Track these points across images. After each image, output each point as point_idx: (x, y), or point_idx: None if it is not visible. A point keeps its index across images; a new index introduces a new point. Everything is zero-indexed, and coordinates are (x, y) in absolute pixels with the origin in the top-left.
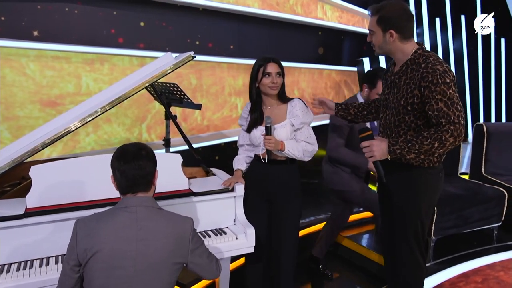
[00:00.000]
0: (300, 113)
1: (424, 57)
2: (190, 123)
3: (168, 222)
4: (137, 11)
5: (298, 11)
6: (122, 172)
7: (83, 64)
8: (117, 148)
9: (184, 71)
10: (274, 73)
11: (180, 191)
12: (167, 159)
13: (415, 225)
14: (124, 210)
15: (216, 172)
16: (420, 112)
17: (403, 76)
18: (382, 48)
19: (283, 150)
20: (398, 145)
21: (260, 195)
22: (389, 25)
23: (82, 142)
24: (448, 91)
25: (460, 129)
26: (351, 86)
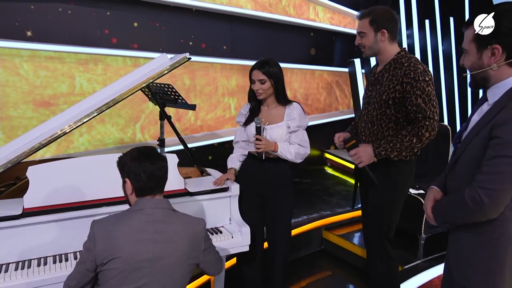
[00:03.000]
0: (297, 116)
1: (406, 58)
2: (183, 123)
3: (183, 224)
4: (130, 11)
5: (290, 12)
6: (150, 174)
7: (76, 64)
8: (131, 150)
9: (177, 71)
10: (257, 80)
11: (176, 190)
12: None
13: (389, 218)
14: (141, 212)
15: (211, 172)
16: (400, 106)
17: (386, 73)
18: (373, 48)
19: (276, 151)
20: (381, 147)
21: (254, 190)
22: (381, 25)
23: (76, 143)
24: (426, 88)
25: (434, 124)
26: (342, 86)
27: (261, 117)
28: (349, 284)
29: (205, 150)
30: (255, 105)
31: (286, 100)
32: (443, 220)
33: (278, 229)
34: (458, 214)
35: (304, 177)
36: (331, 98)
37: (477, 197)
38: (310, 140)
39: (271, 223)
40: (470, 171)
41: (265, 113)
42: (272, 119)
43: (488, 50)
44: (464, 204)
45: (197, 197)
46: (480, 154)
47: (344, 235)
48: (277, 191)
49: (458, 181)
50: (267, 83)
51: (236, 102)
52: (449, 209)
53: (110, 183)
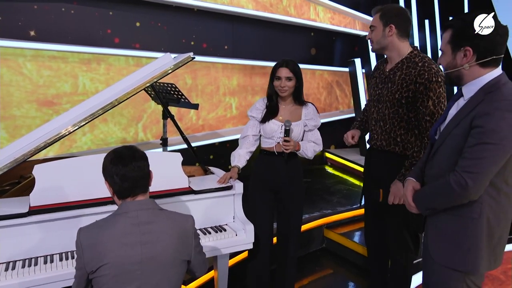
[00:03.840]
0: (314, 116)
1: (420, 57)
2: (185, 122)
3: (171, 222)
4: (133, 11)
5: (291, 12)
6: (123, 176)
7: (79, 64)
8: (108, 153)
9: (179, 71)
10: (284, 77)
11: (181, 189)
12: (168, 158)
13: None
14: (125, 216)
15: (214, 170)
16: (412, 105)
17: (398, 72)
18: (380, 43)
19: (298, 150)
20: (401, 173)
21: (268, 186)
22: (389, 20)
23: (79, 142)
24: (438, 90)
25: None
26: (343, 86)
27: (280, 115)
28: (350, 282)
29: (206, 149)
30: (274, 102)
31: (303, 100)
32: (427, 206)
33: (291, 224)
34: (442, 198)
35: (304, 176)
36: (331, 98)
37: (462, 181)
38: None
39: (285, 218)
40: (450, 159)
41: (283, 112)
42: (290, 118)
43: (461, 52)
44: (449, 188)
45: (201, 196)
46: (461, 143)
47: (345, 233)
48: (292, 184)
49: (438, 169)
50: (292, 81)
51: (237, 101)
52: (433, 196)
53: None
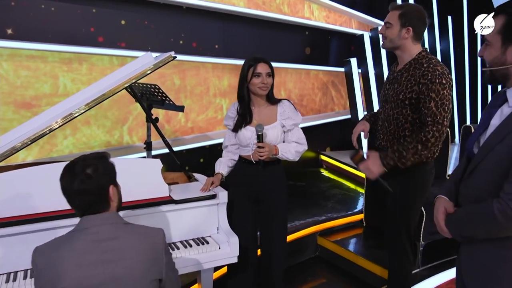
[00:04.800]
0: (292, 114)
1: (427, 59)
2: (173, 125)
3: (137, 237)
4: (117, 8)
5: (284, 10)
6: (72, 193)
7: (60, 63)
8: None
9: (167, 71)
10: (265, 73)
11: (160, 198)
12: (146, 164)
13: (408, 220)
14: (85, 232)
15: (199, 177)
16: (416, 107)
17: (405, 73)
18: (393, 42)
19: (277, 154)
20: (389, 157)
21: (248, 196)
22: (409, 21)
23: (60, 145)
24: (441, 92)
25: (442, 130)
26: (338, 86)
27: (254, 120)
28: None
29: (196, 152)
30: (246, 106)
31: (276, 99)
32: (462, 233)
33: (275, 237)
34: (482, 228)
35: (299, 180)
36: (326, 99)
37: (509, 211)
38: (306, 141)
39: (267, 231)
40: (491, 181)
41: (257, 115)
42: (264, 120)
43: None
44: (492, 217)
45: (182, 206)
46: (506, 162)
47: (339, 241)
48: (273, 194)
49: (477, 190)
50: (271, 77)
51: (229, 102)
52: (471, 223)
53: None
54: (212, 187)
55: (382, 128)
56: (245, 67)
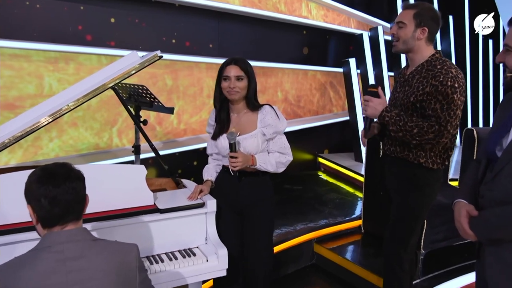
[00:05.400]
0: (272, 121)
1: (441, 61)
2: (165, 126)
3: (107, 255)
4: (107, 6)
5: (281, 9)
6: (53, 199)
7: (45, 63)
8: (34, 171)
9: (159, 71)
10: (233, 76)
11: (144, 207)
12: (129, 171)
13: (410, 228)
14: (48, 251)
15: (187, 183)
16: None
17: (417, 75)
18: (407, 43)
19: (254, 165)
20: (390, 114)
21: (231, 208)
22: (424, 21)
23: (45, 148)
24: (450, 95)
25: (443, 133)
26: (337, 87)
27: (232, 127)
28: None
29: (189, 155)
30: (223, 112)
31: (258, 105)
32: (491, 236)
33: (260, 252)
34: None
35: (295, 184)
36: (324, 100)
37: None
38: (303, 144)
39: (250, 245)
40: None
41: (236, 122)
42: (244, 128)
43: None
44: None
45: (168, 215)
46: None
47: (336, 248)
48: (257, 208)
49: (502, 193)
50: (244, 81)
51: None
52: (502, 225)
53: None
54: (201, 196)
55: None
56: (219, 68)
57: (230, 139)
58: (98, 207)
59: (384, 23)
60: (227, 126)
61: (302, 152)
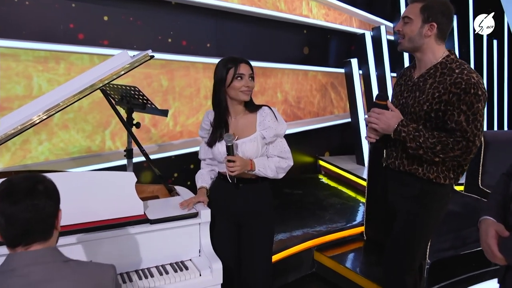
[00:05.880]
0: (272, 124)
1: (458, 63)
2: (160, 129)
3: (80, 278)
4: (100, 3)
5: (281, 8)
6: (9, 217)
7: (34, 63)
8: (2, 182)
9: (153, 71)
10: (247, 74)
11: (134, 217)
12: (117, 178)
13: (415, 247)
14: (11, 274)
15: (180, 191)
16: (444, 121)
17: (429, 79)
18: (414, 41)
19: (253, 170)
20: (407, 129)
21: (227, 217)
22: (433, 16)
23: (34, 152)
24: (475, 105)
25: (471, 149)
26: (338, 88)
27: (230, 131)
28: None
29: (186, 158)
30: (221, 116)
31: (256, 105)
32: None
33: (257, 267)
34: None
35: (295, 187)
36: (325, 101)
37: None
38: (303, 146)
39: (248, 258)
40: None
41: (233, 125)
42: (242, 132)
43: None
44: None
45: (158, 226)
46: None
47: (337, 256)
48: (256, 218)
49: None
50: (253, 81)
51: None
52: None
53: None
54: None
55: (396, 143)
56: (222, 69)
57: (227, 141)
58: (83, 218)
59: (387, 22)
60: (226, 130)
61: (302, 155)
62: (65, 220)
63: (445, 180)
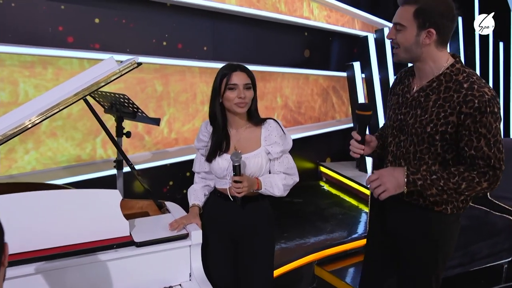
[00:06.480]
0: (279, 139)
1: (465, 75)
2: (154, 136)
3: None
4: (91, 5)
5: (281, 9)
6: None
7: (20, 68)
8: None
9: (147, 76)
10: (242, 85)
11: (118, 239)
12: (100, 197)
13: (428, 281)
14: None
15: (171, 207)
16: (451, 144)
17: (432, 94)
18: (410, 51)
19: (259, 189)
20: (419, 175)
21: (223, 237)
22: (430, 20)
23: (20, 161)
24: (494, 124)
25: (498, 176)
26: (340, 92)
27: (232, 145)
28: None
29: (181, 166)
30: (221, 129)
31: (261, 119)
32: None
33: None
34: None
35: (295, 196)
36: (327, 106)
37: None
38: (304, 152)
39: (249, 277)
40: None
41: (235, 139)
42: (245, 146)
43: None
44: None
45: (145, 249)
46: None
47: (338, 271)
48: (255, 235)
49: None
50: (251, 90)
51: None
52: None
53: None
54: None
55: (395, 159)
56: (217, 77)
57: (235, 161)
58: (56, 241)
59: (390, 24)
60: (227, 144)
61: (302, 161)
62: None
63: (453, 211)
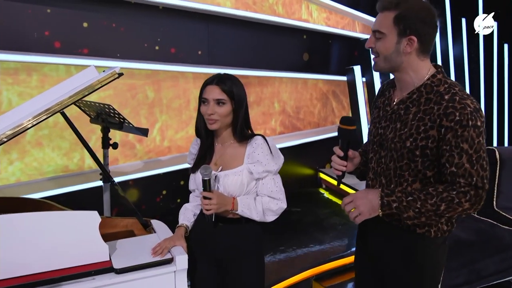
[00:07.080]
0: (262, 158)
1: (447, 85)
2: (146, 144)
3: None
4: (79, 8)
5: (279, 12)
6: None
7: (3, 75)
8: None
9: (138, 82)
10: (212, 100)
11: (95, 265)
12: (78, 219)
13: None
14: None
15: (157, 227)
16: (432, 161)
17: (412, 107)
18: (390, 61)
19: (235, 210)
20: (394, 196)
21: (210, 260)
22: (410, 27)
23: (4, 173)
24: (476, 140)
25: (481, 196)
26: (340, 97)
27: (214, 161)
28: None
29: (175, 175)
30: (207, 142)
31: (246, 135)
32: None
33: None
34: None
35: (294, 204)
36: (326, 111)
37: None
38: (303, 158)
39: None
40: None
41: (219, 153)
42: (227, 162)
43: None
44: None
45: (125, 277)
46: None
47: (335, 286)
48: (240, 263)
49: None
50: (226, 106)
51: None
52: None
53: None
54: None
55: (374, 183)
56: (201, 87)
57: (204, 175)
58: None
59: None
60: (209, 158)
61: (301, 167)
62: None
63: (437, 234)
